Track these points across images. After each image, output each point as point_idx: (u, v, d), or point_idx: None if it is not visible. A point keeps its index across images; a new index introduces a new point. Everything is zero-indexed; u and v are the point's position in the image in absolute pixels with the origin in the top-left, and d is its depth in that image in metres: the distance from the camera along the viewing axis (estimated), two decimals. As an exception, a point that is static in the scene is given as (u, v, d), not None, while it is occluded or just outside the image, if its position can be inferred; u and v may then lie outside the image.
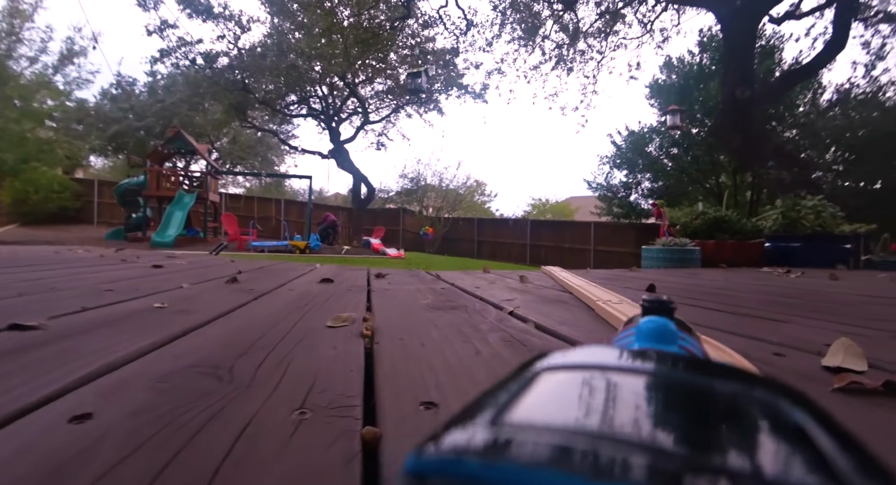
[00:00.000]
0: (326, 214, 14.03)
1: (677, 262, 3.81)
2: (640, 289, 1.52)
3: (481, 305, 1.07)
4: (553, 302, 1.15)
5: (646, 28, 10.10)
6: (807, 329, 0.84)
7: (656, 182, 11.97)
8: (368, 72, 12.92)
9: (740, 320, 0.93)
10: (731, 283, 1.84)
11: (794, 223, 3.90)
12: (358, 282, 1.61)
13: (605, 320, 0.87)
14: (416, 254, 12.93)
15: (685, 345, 0.26)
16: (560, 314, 0.95)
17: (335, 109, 14.44)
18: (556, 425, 0.11)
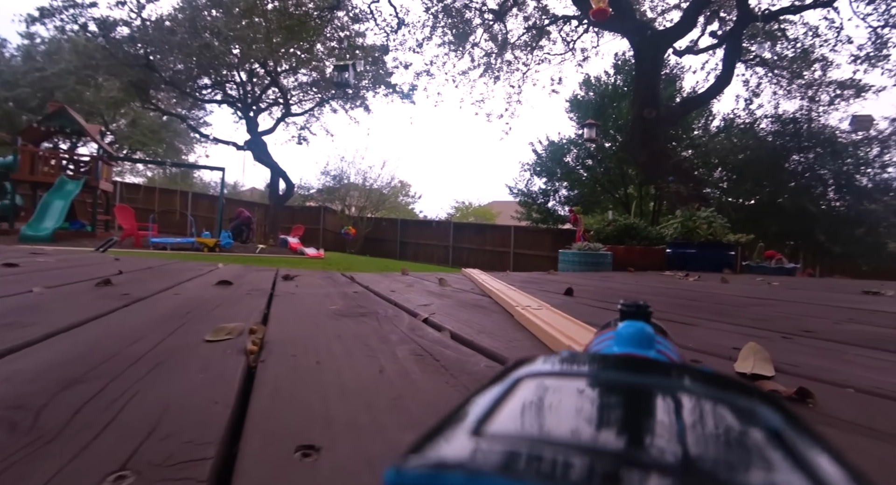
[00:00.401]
0: (240, 209, 13.04)
1: (591, 265, 4.03)
2: (559, 292, 1.53)
3: (395, 312, 0.99)
4: (472, 307, 1.10)
5: (569, 46, 10.72)
6: (712, 332, 0.86)
7: (573, 190, 12.74)
8: (292, 61, 12.27)
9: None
10: (641, 286, 1.93)
11: (691, 232, 4.33)
12: (261, 285, 1.45)
13: (525, 328, 0.83)
14: (337, 254, 12.49)
15: (662, 349, 0.26)
16: (479, 321, 0.89)
17: (254, 98, 13.51)
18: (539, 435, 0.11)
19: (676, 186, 7.34)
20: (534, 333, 0.76)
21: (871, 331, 0.92)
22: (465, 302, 1.19)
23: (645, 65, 8.15)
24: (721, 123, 11.55)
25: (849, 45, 8.83)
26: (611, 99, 12.07)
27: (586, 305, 1.23)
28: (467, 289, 1.54)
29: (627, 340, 0.25)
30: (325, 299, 1.17)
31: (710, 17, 9.33)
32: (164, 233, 11.45)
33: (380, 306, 1.06)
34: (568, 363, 0.15)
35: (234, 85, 13.43)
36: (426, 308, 1.04)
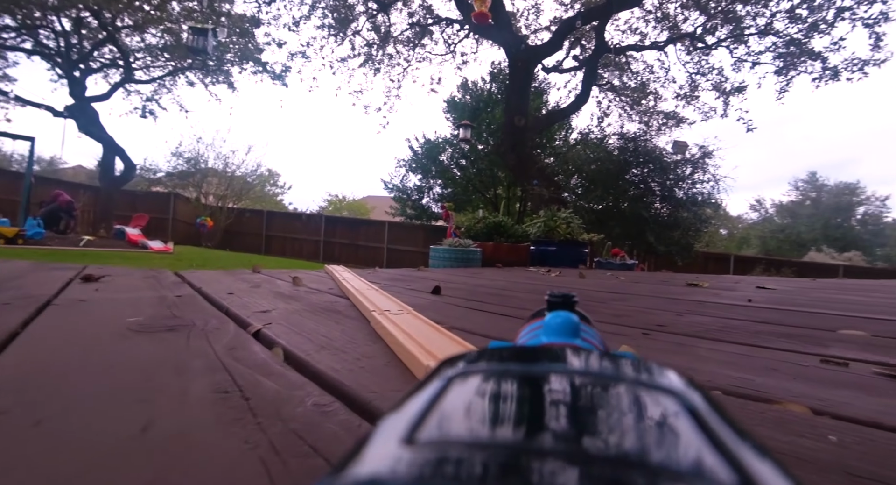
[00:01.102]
0: (57, 191, 10.48)
1: (461, 261, 4.09)
2: (426, 290, 1.43)
3: (220, 322, 0.77)
4: (324, 312, 0.92)
5: (450, 49, 10.94)
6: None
7: (446, 189, 13.11)
8: (138, 16, 10.35)
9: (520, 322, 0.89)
10: (510, 282, 1.95)
11: (552, 231, 4.69)
12: (39, 289, 1.07)
13: (381, 338, 0.69)
14: (190, 248, 10.95)
15: (587, 337, 0.27)
16: (327, 332, 0.73)
17: (81, 54, 11.07)
18: (476, 437, 0.10)
19: (540, 189, 7.99)
20: (392, 347, 0.62)
21: (708, 322, 0.98)
22: (318, 306, 1.01)
23: (517, 76, 8.74)
24: (578, 136, 12.94)
25: (673, 84, 10.74)
26: (485, 104, 12.68)
27: (455, 305, 1.15)
28: (325, 289, 1.35)
29: (555, 330, 0.26)
30: (128, 308, 0.88)
31: (573, 43, 10.40)
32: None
33: (202, 316, 0.83)
34: (498, 359, 0.15)
35: (53, 34, 10.82)
36: (265, 316, 0.84)
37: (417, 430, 0.11)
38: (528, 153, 8.99)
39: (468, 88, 13.40)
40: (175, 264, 6.21)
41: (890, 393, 0.52)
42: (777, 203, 25.53)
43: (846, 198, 22.67)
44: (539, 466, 0.09)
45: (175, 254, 8.27)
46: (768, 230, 24.37)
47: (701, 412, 0.12)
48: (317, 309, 0.95)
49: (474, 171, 12.81)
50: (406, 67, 11.15)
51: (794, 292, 1.85)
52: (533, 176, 8.64)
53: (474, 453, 0.09)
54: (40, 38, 10.83)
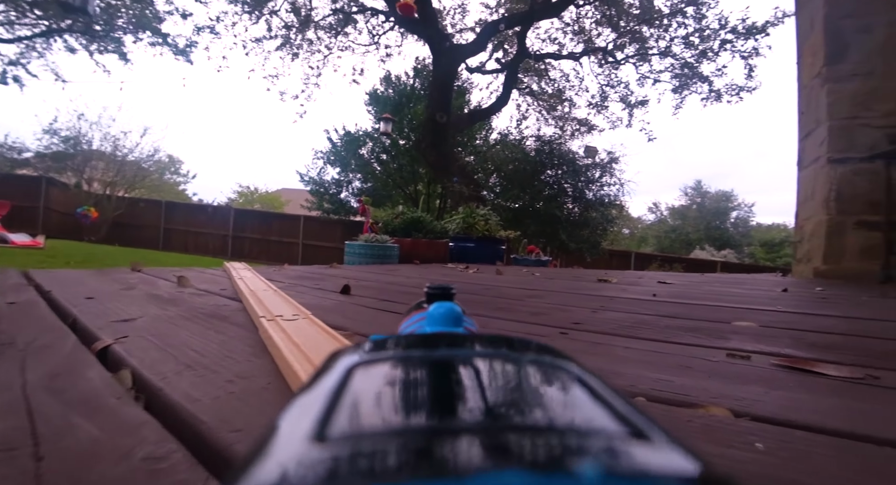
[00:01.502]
0: None
1: (378, 258, 3.96)
2: (335, 290, 1.32)
3: (55, 337, 0.60)
4: (205, 319, 0.78)
5: (374, 40, 10.64)
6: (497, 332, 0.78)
7: (366, 183, 12.80)
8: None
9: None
10: (427, 279, 1.88)
11: (471, 227, 4.73)
12: None
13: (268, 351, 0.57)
14: (67, 243, 9.52)
15: (468, 326, 0.28)
16: (200, 345, 0.60)
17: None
18: (391, 427, 0.10)
19: (460, 186, 8.09)
20: (275, 360, 0.52)
21: (620, 318, 0.99)
22: (200, 311, 0.85)
23: (441, 72, 8.75)
24: (498, 136, 13.32)
25: (586, 93, 11.53)
26: (408, 99, 12.55)
27: (364, 306, 1.05)
28: (216, 290, 1.17)
29: (439, 319, 0.26)
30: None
31: (497, 46, 10.69)
32: None
33: (33, 329, 0.64)
34: (396, 346, 0.15)
35: None
36: (125, 326, 0.68)
37: (326, 425, 0.10)
38: (449, 150, 9.06)
39: (391, 82, 13.17)
40: (46, 261, 5.33)
41: (790, 385, 0.53)
42: (670, 207, 28.54)
43: (723, 204, 26.01)
44: (458, 445, 0.09)
45: (47, 249, 7.14)
46: (662, 230, 27.19)
47: (587, 380, 0.13)
48: (197, 315, 0.80)
49: (395, 166, 12.63)
50: (327, 55, 10.68)
51: (689, 286, 2.01)
52: (453, 173, 8.73)
53: (392, 443, 0.09)
54: None
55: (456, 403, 0.11)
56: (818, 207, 3.23)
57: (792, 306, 1.32)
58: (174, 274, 1.39)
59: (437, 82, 8.83)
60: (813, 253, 3.25)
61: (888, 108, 3.03)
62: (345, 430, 0.10)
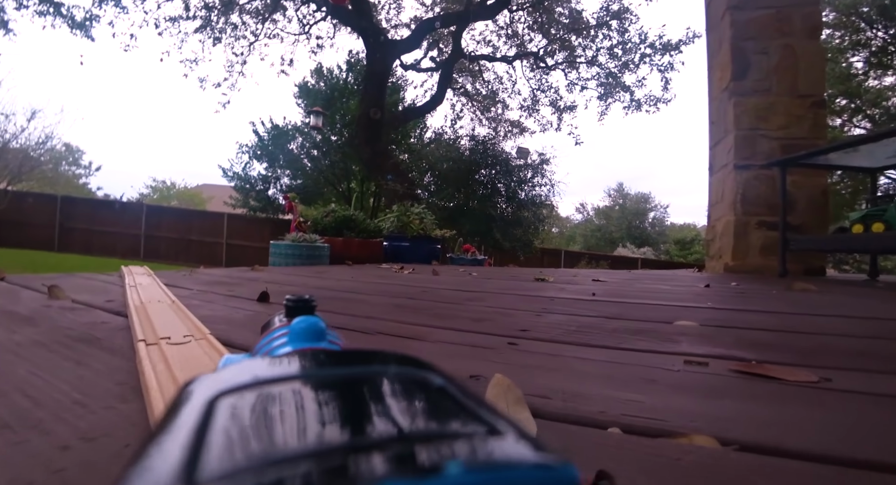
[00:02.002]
0: None
1: (307, 258, 3.72)
2: (251, 297, 1.15)
3: None
4: (68, 346, 0.60)
5: (304, 29, 10.13)
6: (441, 347, 0.69)
7: (296, 180, 12.22)
8: None
9: (380, 341, 0.71)
10: (360, 283, 1.75)
11: (406, 226, 4.61)
12: None
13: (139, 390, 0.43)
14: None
15: (332, 339, 0.27)
16: (41, 386, 0.43)
17: None
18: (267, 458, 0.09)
19: (394, 184, 7.95)
20: (148, 404, 0.38)
21: (565, 321, 0.95)
22: (64, 333, 0.67)
23: (375, 67, 8.53)
24: (433, 135, 13.30)
25: (518, 96, 11.85)
26: (341, 93, 12.13)
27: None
28: (98, 303, 0.97)
29: (301, 335, 0.25)
30: None
31: (431, 45, 10.64)
32: None
33: None
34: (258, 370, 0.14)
35: None
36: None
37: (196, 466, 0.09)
38: (383, 148, 8.88)
39: (323, 75, 12.67)
40: None
41: (757, 396, 0.50)
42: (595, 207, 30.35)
43: (642, 205, 28.13)
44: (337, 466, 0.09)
45: None
46: (589, 229, 28.84)
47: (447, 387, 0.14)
48: (58, 339, 0.62)
49: (327, 162, 12.16)
50: (253, 42, 10.00)
51: (622, 284, 2.06)
52: (387, 171, 8.56)
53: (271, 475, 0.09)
54: None
55: (327, 424, 0.11)
56: (727, 208, 3.51)
57: (720, 303, 1.37)
58: (45, 283, 1.14)
59: (372, 77, 8.61)
60: (723, 250, 3.53)
61: (781, 121, 3.38)
62: (219, 469, 0.09)
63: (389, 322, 0.88)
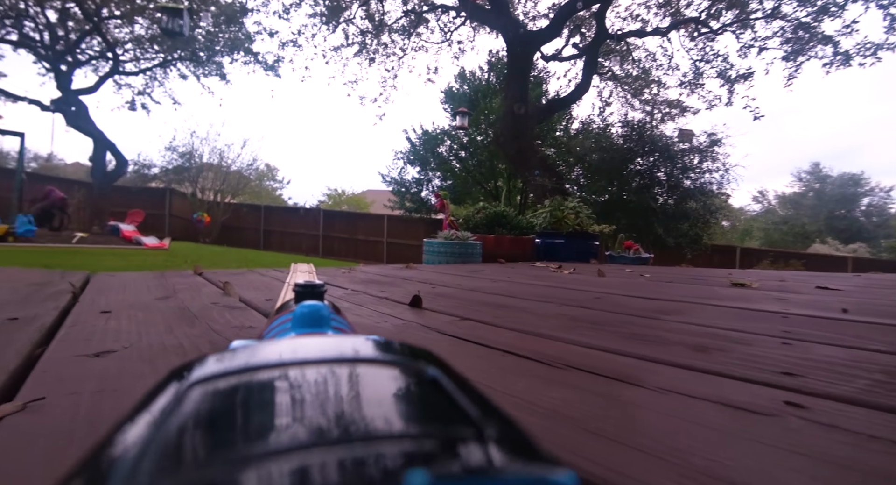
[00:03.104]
0: (49, 188, 10.23)
1: (459, 256, 3.67)
2: (403, 300, 1.06)
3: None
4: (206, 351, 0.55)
5: (446, 37, 10.54)
6: (679, 402, 0.46)
7: (446, 181, 12.75)
8: (125, 6, 9.96)
9: (562, 375, 0.52)
10: (516, 284, 1.58)
11: (560, 222, 4.28)
12: None
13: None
14: (186, 244, 10.66)
15: (337, 325, 0.27)
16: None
17: (67, 46, 10.69)
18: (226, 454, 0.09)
19: (541, 180, 7.62)
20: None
21: (851, 359, 0.61)
22: (206, 340, 0.63)
23: (516, 62, 8.34)
24: (580, 126, 12.53)
25: (677, 72, 10.32)
26: (484, 94, 12.28)
27: (437, 329, 0.76)
28: (258, 302, 0.97)
29: (303, 320, 0.25)
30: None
31: (573, 30, 10.00)
32: None
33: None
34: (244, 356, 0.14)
35: (39, 25, 10.44)
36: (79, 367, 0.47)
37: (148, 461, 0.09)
38: (528, 143, 8.61)
39: (466, 78, 13.02)
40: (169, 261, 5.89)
41: None
42: (780, 195, 25.09)
43: (850, 189, 22.21)
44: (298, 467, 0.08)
45: (170, 250, 7.97)
46: (771, 222, 23.97)
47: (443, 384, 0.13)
48: (200, 344, 0.58)
49: (474, 162, 12.42)
50: (402, 57, 10.78)
51: (869, 293, 1.48)
52: (534, 166, 8.26)
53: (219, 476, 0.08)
54: (25, 29, 10.45)
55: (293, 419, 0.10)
56: None
57: None
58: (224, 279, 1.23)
59: (514, 72, 8.43)
60: None
61: None
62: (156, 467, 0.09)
63: (570, 345, 0.67)
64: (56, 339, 0.60)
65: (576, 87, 9.84)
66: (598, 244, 4.32)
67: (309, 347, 0.15)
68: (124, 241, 9.06)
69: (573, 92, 9.90)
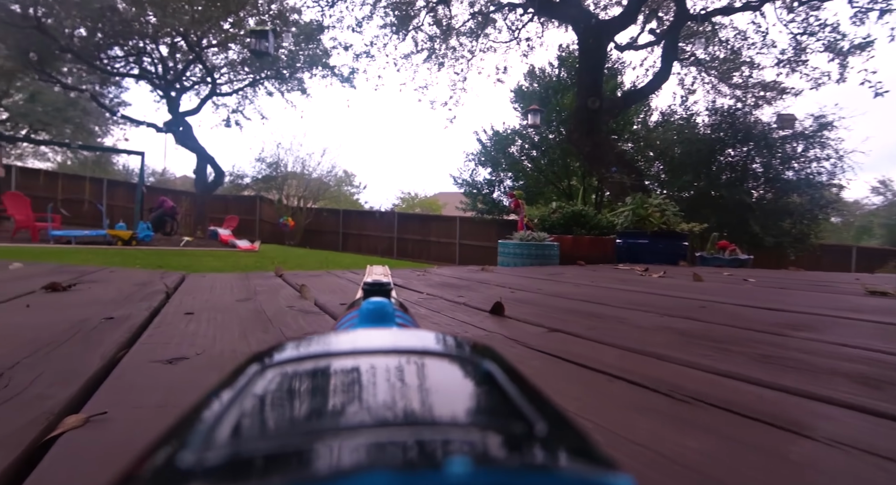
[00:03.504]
0: (162, 198, 11.68)
1: (535, 258, 3.49)
2: (483, 307, 0.98)
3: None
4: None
5: (514, 35, 10.39)
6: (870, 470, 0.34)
7: (517, 181, 12.53)
8: (221, 35, 11.05)
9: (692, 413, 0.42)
10: (602, 289, 1.44)
11: (643, 220, 3.96)
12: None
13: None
14: (274, 247, 11.50)
15: (402, 322, 0.28)
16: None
17: (176, 75, 12.07)
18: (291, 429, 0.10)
19: (620, 177, 7.18)
20: None
21: None
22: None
23: (589, 54, 7.95)
24: (659, 117, 11.69)
25: (773, 49, 9.15)
26: (555, 91, 11.89)
27: (524, 343, 0.67)
28: (332, 306, 0.95)
29: (370, 316, 0.26)
30: None
31: (649, 16, 9.33)
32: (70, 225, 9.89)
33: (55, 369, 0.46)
34: (314, 345, 0.15)
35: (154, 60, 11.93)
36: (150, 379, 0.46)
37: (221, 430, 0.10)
38: (603, 139, 8.16)
39: (535, 76, 12.71)
40: (259, 262, 6.39)
41: None
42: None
43: None
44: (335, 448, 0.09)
45: (259, 252, 8.64)
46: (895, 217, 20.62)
47: (498, 379, 0.13)
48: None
49: (546, 161, 12.07)
50: (470, 59, 10.80)
51: None
52: (611, 163, 7.82)
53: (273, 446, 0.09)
54: (144, 64, 11.96)
55: (353, 402, 0.11)
56: None
57: None
58: (306, 280, 1.24)
59: (586, 65, 8.04)
60: None
61: None
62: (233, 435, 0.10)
63: (690, 369, 0.55)
64: (140, 340, 0.61)
65: (654, 76, 9.16)
66: (686, 245, 3.91)
67: (372, 338, 0.16)
68: (222, 244, 9.98)
69: (651, 82, 9.22)
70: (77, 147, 13.29)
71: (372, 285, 0.32)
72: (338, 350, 0.14)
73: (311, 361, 0.14)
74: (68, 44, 9.78)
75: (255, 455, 0.09)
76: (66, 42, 9.71)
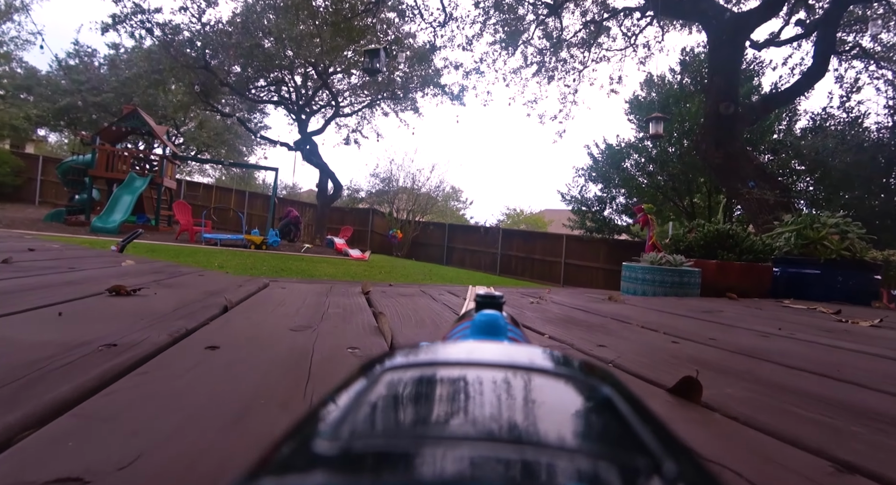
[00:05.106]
0: (289, 208, 13.19)
1: (670, 286, 2.99)
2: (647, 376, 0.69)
3: None
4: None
5: (629, 42, 9.82)
6: None
7: (631, 199, 11.63)
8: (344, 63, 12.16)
9: None
10: (809, 347, 1.14)
11: (812, 244, 3.27)
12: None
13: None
14: (383, 257, 12.16)
15: (513, 336, 0.28)
16: None
17: (307, 100, 13.56)
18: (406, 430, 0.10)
19: (760, 193, 6.23)
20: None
21: None
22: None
23: (721, 53, 7.10)
24: (808, 123, 10.04)
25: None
26: (676, 99, 10.88)
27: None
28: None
29: (482, 328, 0.27)
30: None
31: (796, 4, 8.09)
32: (219, 229, 11.75)
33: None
34: (428, 353, 0.15)
35: (290, 88, 13.57)
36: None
37: (344, 425, 0.11)
38: (738, 148, 7.19)
39: (653, 84, 11.81)
40: (367, 271, 6.74)
41: None
42: None
43: None
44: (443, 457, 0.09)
45: (369, 261, 9.17)
46: None
47: (617, 403, 0.12)
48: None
49: (664, 177, 11.04)
50: (581, 70, 10.45)
51: None
52: (748, 176, 6.85)
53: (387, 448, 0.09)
54: (282, 92, 13.66)
55: (466, 413, 0.11)
56: None
57: None
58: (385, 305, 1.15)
59: (718, 67, 7.17)
60: None
61: None
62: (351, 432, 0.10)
63: None
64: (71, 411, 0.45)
65: (803, 74, 7.91)
66: (879, 278, 3.13)
67: (485, 351, 0.15)
68: (336, 252, 10.81)
69: (799, 81, 7.96)
70: (228, 164, 15.58)
71: (485, 298, 0.32)
72: (453, 360, 0.14)
73: (427, 368, 0.14)
74: (226, 79, 11.50)
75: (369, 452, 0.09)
76: (224, 77, 11.43)
